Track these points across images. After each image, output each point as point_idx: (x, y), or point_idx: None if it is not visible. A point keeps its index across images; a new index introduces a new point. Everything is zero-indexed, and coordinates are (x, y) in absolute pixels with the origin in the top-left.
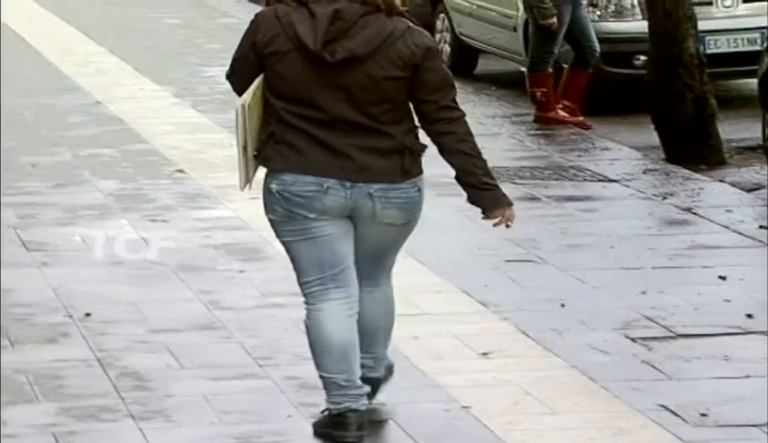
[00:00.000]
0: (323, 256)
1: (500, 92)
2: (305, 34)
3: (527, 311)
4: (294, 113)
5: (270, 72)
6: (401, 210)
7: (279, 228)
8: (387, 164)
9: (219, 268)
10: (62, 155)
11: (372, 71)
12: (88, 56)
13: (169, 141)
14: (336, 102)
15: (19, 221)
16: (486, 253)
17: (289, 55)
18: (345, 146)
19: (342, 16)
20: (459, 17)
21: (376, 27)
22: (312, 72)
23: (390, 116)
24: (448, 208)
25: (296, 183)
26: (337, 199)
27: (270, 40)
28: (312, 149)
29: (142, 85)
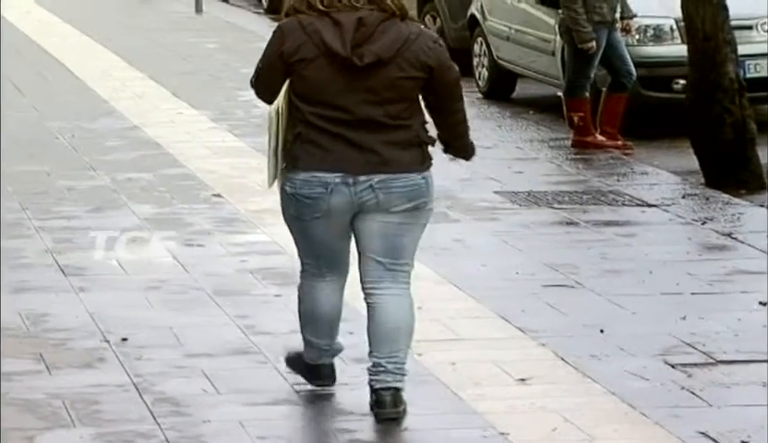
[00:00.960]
0: (320, 253)
1: (538, 116)
2: (332, 41)
3: (565, 337)
4: (319, 116)
5: (297, 78)
6: (404, 196)
7: (288, 223)
8: (409, 156)
9: (255, 292)
10: (99, 179)
11: (393, 72)
12: (126, 81)
13: (205, 165)
14: (361, 104)
15: (56, 246)
16: (524, 278)
17: (316, 61)
18: (372, 142)
19: (365, 22)
20: (497, 42)
21: (394, 31)
22: (338, 76)
23: (408, 113)
24: (485, 232)
25: (305, 186)
26: (342, 198)
27: (297, 48)
28: (339, 147)
29: (179, 109)
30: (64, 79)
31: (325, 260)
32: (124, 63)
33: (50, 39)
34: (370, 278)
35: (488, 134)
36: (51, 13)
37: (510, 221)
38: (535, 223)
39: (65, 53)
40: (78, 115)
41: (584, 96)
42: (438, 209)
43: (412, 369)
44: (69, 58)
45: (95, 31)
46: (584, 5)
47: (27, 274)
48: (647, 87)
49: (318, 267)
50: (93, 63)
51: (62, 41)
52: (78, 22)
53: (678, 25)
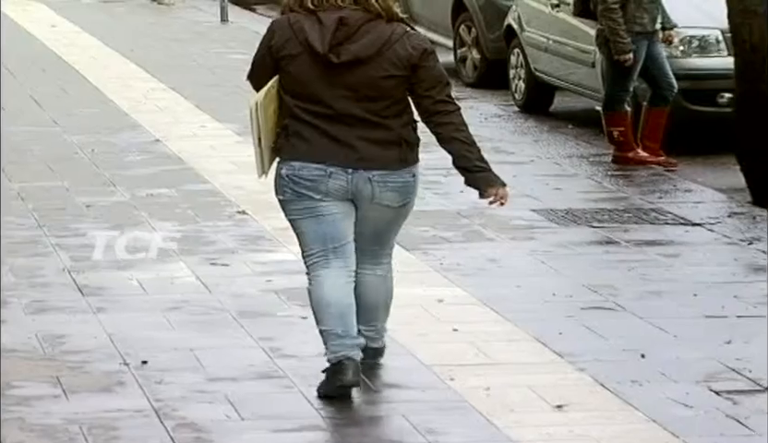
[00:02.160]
0: (326, 231)
1: (577, 131)
2: (313, 39)
3: (605, 361)
4: (304, 109)
5: (284, 73)
6: (397, 193)
7: (287, 207)
8: (386, 154)
9: (280, 313)
10: (119, 195)
11: (374, 71)
12: (147, 93)
13: (230, 181)
14: (341, 99)
15: (75, 265)
16: (561, 299)
17: (299, 58)
18: (350, 137)
19: (346, 22)
20: (534, 53)
21: (377, 32)
22: (320, 72)
23: (390, 111)
24: (520, 252)
25: (304, 168)
26: (340, 183)
27: (284, 44)
28: (320, 140)
29: (203, 122)
30: (84, 92)
31: (330, 240)
32: (146, 74)
33: (71, 50)
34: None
35: (525, 149)
36: (74, 24)
37: (547, 240)
38: (574, 243)
39: (85, 64)
40: (99, 129)
41: (624, 110)
42: (472, 227)
43: (443, 395)
44: (90, 70)
45: (117, 42)
46: (624, 15)
47: (43, 294)
48: (691, 100)
49: (324, 253)
50: (114, 74)
51: (83, 53)
52: (100, 33)
53: (724, 36)
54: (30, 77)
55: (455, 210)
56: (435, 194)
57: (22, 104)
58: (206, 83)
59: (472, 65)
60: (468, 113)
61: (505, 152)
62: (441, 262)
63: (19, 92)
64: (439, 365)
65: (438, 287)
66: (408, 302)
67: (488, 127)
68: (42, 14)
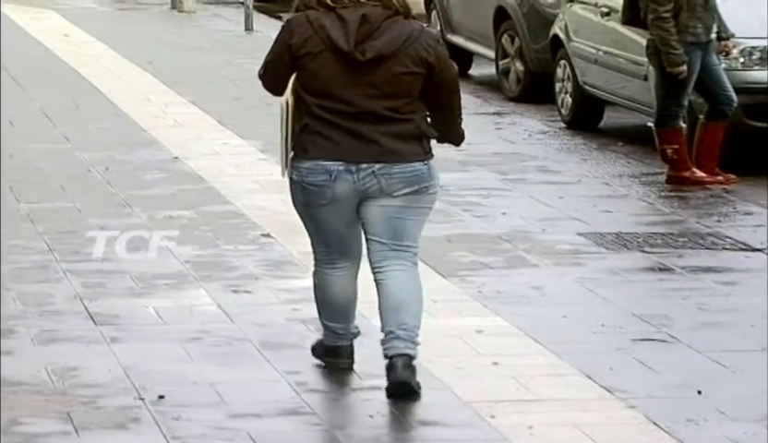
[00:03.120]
0: (330, 239)
1: (628, 149)
2: (336, 36)
3: (658, 398)
4: (324, 108)
5: (303, 71)
6: (404, 181)
7: (297, 209)
8: (409, 147)
9: (308, 345)
10: (135, 217)
11: (395, 68)
12: (166, 107)
13: (254, 202)
14: (364, 97)
15: (87, 291)
16: (611, 330)
17: (321, 56)
18: (373, 133)
19: (369, 19)
20: (582, 65)
21: (397, 28)
22: (342, 70)
23: (410, 107)
24: (566, 278)
25: (311, 173)
26: (346, 184)
27: (304, 42)
28: (342, 137)
29: (225, 139)
30: (98, 106)
31: (335, 247)
32: (164, 87)
33: (85, 61)
34: (376, 258)
35: (572, 168)
36: (87, 33)
37: (595, 266)
38: (624, 269)
39: (100, 76)
40: (113, 146)
41: (678, 126)
42: (514, 252)
43: (483, 434)
44: (105, 83)
45: (133, 53)
46: (676, 24)
47: (54, 323)
48: (752, 116)
49: (329, 254)
50: (130, 87)
51: (97, 64)
52: (116, 43)
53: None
54: (41, 91)
55: (496, 234)
56: (474, 216)
57: (32, 119)
58: (229, 96)
59: (515, 78)
60: (511, 129)
61: (550, 171)
62: (480, 290)
63: (29, 107)
64: (479, 401)
65: (478, 317)
66: (445, 333)
67: (532, 145)
68: (53, 22)
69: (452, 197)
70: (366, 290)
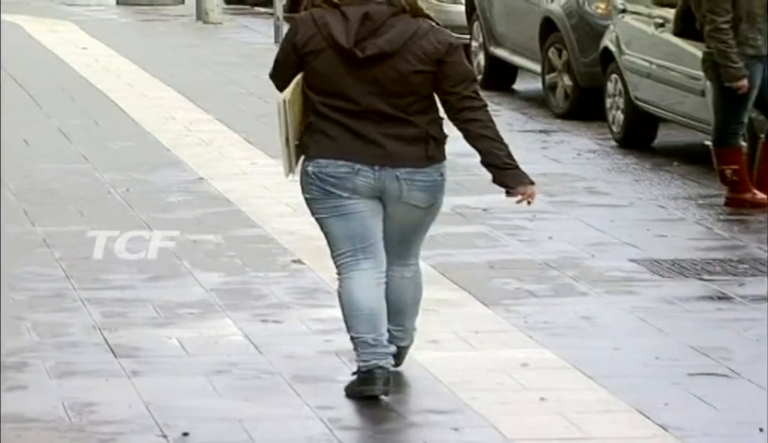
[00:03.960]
0: (354, 230)
1: (684, 169)
2: (338, 34)
3: (717, 436)
4: (329, 106)
5: (308, 69)
6: (424, 193)
7: (314, 206)
8: (413, 151)
9: (342, 378)
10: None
11: (399, 66)
12: (190, 125)
13: (284, 226)
14: (367, 95)
15: (106, 321)
16: (666, 364)
17: (324, 53)
18: (375, 134)
19: (371, 17)
20: (635, 79)
21: (402, 26)
22: (345, 68)
23: (416, 107)
24: (618, 308)
25: (330, 165)
26: (367, 181)
27: (308, 40)
28: (345, 137)
29: (253, 158)
30: (118, 124)
31: (360, 239)
32: (188, 103)
33: (104, 76)
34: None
35: (624, 189)
36: (107, 46)
37: (649, 294)
38: (680, 298)
39: (120, 92)
40: (135, 166)
41: (738, 145)
42: (562, 279)
43: None
44: (125, 99)
45: (156, 67)
46: (735, 36)
47: (71, 355)
48: None
49: (353, 254)
50: (153, 104)
51: (117, 79)
52: (137, 56)
53: None
54: (58, 107)
55: (542, 260)
56: (519, 241)
57: (48, 138)
58: (257, 113)
59: (562, 94)
60: (558, 148)
61: (600, 193)
62: (526, 320)
63: (45, 124)
64: (525, 439)
65: (523, 349)
66: (488, 366)
67: (581, 165)
68: (71, 35)
69: (496, 221)
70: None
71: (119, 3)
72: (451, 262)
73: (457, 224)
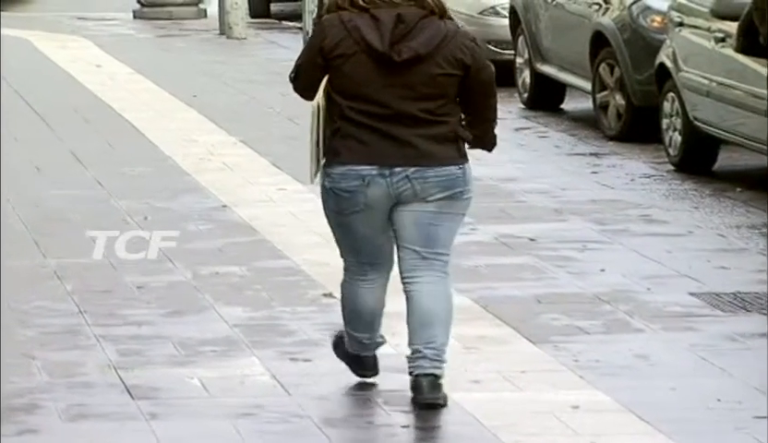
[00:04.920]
0: (361, 249)
1: (747, 195)
2: (371, 37)
3: None
4: (358, 110)
5: (336, 73)
6: (439, 185)
7: (327, 214)
8: (445, 150)
9: (377, 421)
10: (177, 274)
11: (431, 69)
12: (213, 148)
13: (314, 256)
14: (399, 99)
15: (122, 360)
16: (728, 406)
17: (355, 57)
18: (407, 135)
19: (403, 19)
20: (693, 98)
21: (433, 29)
22: (377, 71)
23: (445, 109)
24: (676, 345)
25: (343, 179)
26: (379, 189)
27: (337, 44)
28: (377, 141)
29: (281, 184)
30: (136, 147)
31: (366, 256)
32: (211, 125)
33: (120, 96)
34: (407, 267)
35: (681, 217)
36: (124, 64)
37: (709, 331)
38: (743, 335)
39: (138, 113)
40: (153, 193)
41: None
42: (616, 314)
43: None
44: (143, 120)
45: (176, 86)
46: None
47: (84, 396)
48: None
49: (359, 264)
50: (173, 125)
51: (135, 99)
52: (156, 75)
53: None
54: (70, 129)
55: (593, 294)
56: (568, 273)
57: (60, 163)
58: (285, 135)
59: (615, 114)
60: (610, 172)
61: (656, 221)
62: (577, 359)
63: (57, 147)
64: None
65: (573, 390)
66: (535, 409)
67: (635, 190)
68: (85, 51)
69: (543, 251)
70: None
71: (136, 16)
72: (495, 296)
73: (501, 255)
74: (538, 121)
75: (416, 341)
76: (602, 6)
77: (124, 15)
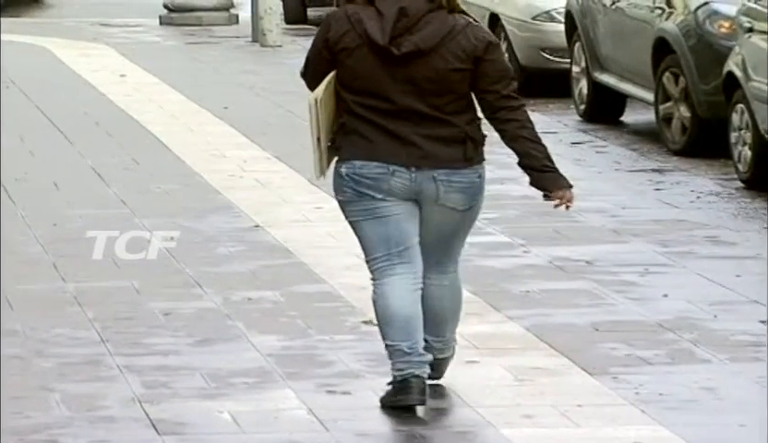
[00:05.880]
0: (389, 233)
1: None
2: (373, 30)
3: None
4: (363, 105)
5: (341, 67)
6: (462, 194)
7: (347, 208)
8: (450, 152)
9: None
10: (206, 299)
11: (436, 64)
12: (245, 164)
13: (353, 280)
14: (403, 94)
15: (147, 393)
16: None
17: (358, 51)
18: (412, 135)
19: (407, 13)
20: (764, 110)
21: (438, 22)
22: (380, 65)
23: (454, 107)
24: (745, 377)
25: (364, 166)
26: (402, 182)
27: (341, 37)
28: (380, 137)
29: (318, 202)
30: (162, 163)
31: (395, 243)
32: (242, 138)
33: (146, 108)
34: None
35: (752, 238)
36: (149, 73)
37: None
38: None
39: (164, 126)
40: (180, 212)
41: None
42: (680, 343)
43: None
44: (170, 134)
45: (206, 97)
46: None
47: (107, 431)
48: None
49: (388, 257)
50: (202, 140)
51: (161, 111)
52: (184, 85)
53: None
54: (92, 144)
55: (656, 321)
56: (628, 299)
57: (81, 179)
58: None
59: (679, 127)
60: (674, 190)
61: (725, 243)
62: (638, 391)
63: (78, 164)
64: None
65: (634, 425)
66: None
67: (701, 209)
68: (108, 60)
69: (601, 276)
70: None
71: (163, 22)
72: (549, 323)
73: (556, 279)
74: (596, 134)
75: (426, 333)
76: (665, 11)
77: (149, 21)
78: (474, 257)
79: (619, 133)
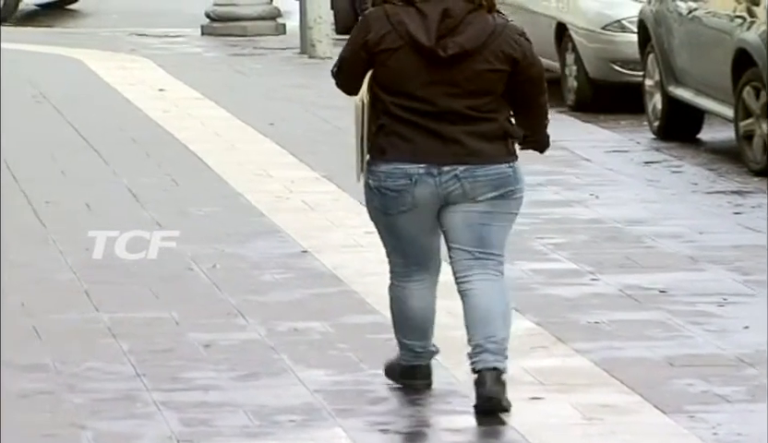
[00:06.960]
0: (407, 251)
1: None
2: (416, 31)
3: None
4: (402, 107)
5: (381, 68)
6: (489, 184)
7: (371, 214)
8: (494, 148)
9: None
10: (250, 330)
11: (478, 65)
12: (291, 184)
13: None
14: (443, 95)
15: (186, 431)
16: None
17: (400, 52)
18: (454, 133)
19: (450, 14)
20: None
21: (481, 23)
22: (422, 67)
23: (492, 106)
24: None
25: (389, 178)
26: (427, 188)
27: (382, 38)
28: (423, 138)
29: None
30: (203, 183)
31: (413, 258)
32: (290, 157)
33: (186, 124)
34: (460, 268)
35: None
36: (190, 87)
37: None
38: None
39: (206, 144)
40: (223, 236)
41: None
42: (762, 380)
43: None
44: (212, 152)
45: (250, 112)
46: None
47: None
48: None
49: (406, 266)
50: (246, 159)
51: (202, 128)
52: (227, 100)
53: None
54: (128, 162)
55: (735, 355)
56: (705, 331)
57: (115, 201)
58: None
59: (761, 145)
60: (756, 213)
61: None
62: (716, 431)
63: (112, 182)
64: None
65: None
66: None
67: None
68: (146, 73)
69: (676, 306)
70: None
71: (205, 33)
72: (620, 357)
73: (627, 309)
74: (671, 153)
75: (476, 337)
76: (746, 20)
77: (191, 31)
78: (539, 285)
79: (696, 152)
